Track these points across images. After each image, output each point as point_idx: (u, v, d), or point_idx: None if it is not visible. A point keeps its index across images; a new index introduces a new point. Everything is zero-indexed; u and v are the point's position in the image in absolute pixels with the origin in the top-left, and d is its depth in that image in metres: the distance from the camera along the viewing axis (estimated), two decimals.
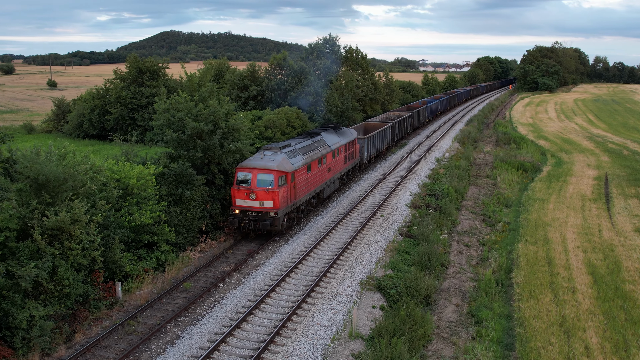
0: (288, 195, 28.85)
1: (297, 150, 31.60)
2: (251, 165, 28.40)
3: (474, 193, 43.90)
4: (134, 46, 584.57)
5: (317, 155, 33.39)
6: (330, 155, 35.81)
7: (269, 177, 27.83)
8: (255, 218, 28.09)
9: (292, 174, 29.11)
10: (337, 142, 38.13)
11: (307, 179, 31.58)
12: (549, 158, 58.42)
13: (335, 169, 37.35)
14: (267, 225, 27.73)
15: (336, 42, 67.48)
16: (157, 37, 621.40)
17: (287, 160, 29.29)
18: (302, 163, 30.78)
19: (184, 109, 28.09)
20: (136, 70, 64.42)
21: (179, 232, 27.11)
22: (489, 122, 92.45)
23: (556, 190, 43.47)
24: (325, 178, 35.28)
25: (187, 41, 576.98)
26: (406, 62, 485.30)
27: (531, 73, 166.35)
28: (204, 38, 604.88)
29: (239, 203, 28.27)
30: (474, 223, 36.10)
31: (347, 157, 40.21)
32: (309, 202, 33.37)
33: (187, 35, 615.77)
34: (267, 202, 27.77)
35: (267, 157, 28.90)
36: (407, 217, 34.14)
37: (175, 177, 27.18)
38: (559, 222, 35.01)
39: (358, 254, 26.78)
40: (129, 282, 23.15)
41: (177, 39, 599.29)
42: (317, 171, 33.40)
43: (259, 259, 26.72)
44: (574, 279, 25.87)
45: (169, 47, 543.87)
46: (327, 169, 35.32)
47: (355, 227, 30.93)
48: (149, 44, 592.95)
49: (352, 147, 41.58)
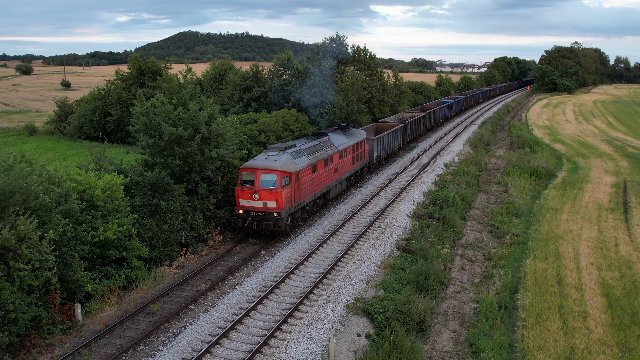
0: (292, 196, 28.73)
1: (302, 150, 31.36)
2: (255, 166, 28.30)
3: (483, 201, 41.36)
4: (152, 47, 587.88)
5: (323, 156, 33.18)
6: (337, 155, 35.57)
7: (273, 178, 27.75)
8: (258, 218, 27.98)
9: (296, 175, 29.00)
10: (344, 142, 37.77)
11: (312, 180, 31.41)
12: (565, 163, 55.53)
13: (343, 169, 37.13)
14: (270, 225, 27.59)
15: (343, 41, 65.18)
16: (174, 38, 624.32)
17: (292, 160, 29.17)
18: (307, 164, 30.63)
19: (162, 113, 26.02)
20: (137, 70, 62.81)
21: (154, 246, 25.04)
22: (504, 124, 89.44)
23: (571, 198, 40.75)
24: (332, 179, 35.10)
25: (204, 42, 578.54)
26: (423, 62, 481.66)
27: (549, 74, 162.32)
28: (222, 38, 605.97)
29: (243, 203, 28.21)
30: (480, 234, 33.61)
31: (355, 157, 39.95)
32: (314, 203, 33.13)
33: (204, 35, 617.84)
34: (270, 203, 27.73)
35: (271, 158, 28.77)
36: (407, 229, 31.74)
37: (151, 187, 25.11)
38: (572, 234, 32.39)
39: (348, 272, 24.47)
40: (91, 303, 21.11)
41: (195, 39, 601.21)
42: (323, 172, 33.25)
43: (239, 276, 24.53)
44: (586, 302, 23.34)
45: (186, 47, 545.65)
46: (333, 169, 35.11)
47: (349, 240, 28.63)
48: (167, 44, 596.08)
49: (360, 147, 41.21)
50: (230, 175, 30.37)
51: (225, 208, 29.80)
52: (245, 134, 34.90)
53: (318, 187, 32.70)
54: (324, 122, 52.80)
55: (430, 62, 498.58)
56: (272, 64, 59.82)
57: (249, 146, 34.17)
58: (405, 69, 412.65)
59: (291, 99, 55.81)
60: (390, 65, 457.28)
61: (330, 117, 52.70)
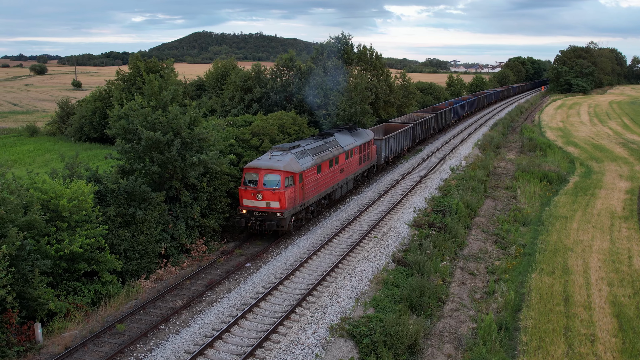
0: (295, 196, 28.64)
1: (307, 150, 31.30)
2: (258, 166, 28.26)
3: (490, 207, 39.38)
4: (167, 47, 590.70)
5: (329, 156, 33.13)
6: (342, 156, 35.50)
7: (276, 178, 27.70)
8: (262, 218, 27.91)
9: (299, 175, 28.94)
10: (350, 143, 37.66)
11: (316, 180, 31.32)
12: (577, 167, 53.23)
13: (349, 170, 37.08)
14: (274, 225, 27.55)
15: (349, 41, 63.36)
16: (189, 38, 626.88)
17: (296, 160, 29.10)
18: (312, 164, 30.57)
19: (140, 116, 24.41)
20: (138, 71, 61.44)
21: (130, 258, 23.45)
22: (516, 125, 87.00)
23: (582, 205, 38.62)
24: (338, 179, 35.04)
25: (218, 42, 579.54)
26: (437, 62, 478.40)
27: (564, 74, 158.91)
28: (235, 39, 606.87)
29: (246, 203, 28.21)
30: (484, 245, 31.68)
31: (362, 158, 39.88)
32: (319, 203, 32.97)
33: (218, 36, 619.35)
34: (273, 203, 27.64)
35: (275, 158, 28.75)
36: (405, 239, 29.88)
37: (127, 195, 23.52)
38: (582, 245, 30.35)
39: (336, 288, 22.68)
40: (54, 321, 19.55)
41: (209, 39, 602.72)
42: (328, 172, 33.16)
43: (218, 291, 22.84)
44: (595, 323, 21.37)
45: (200, 47, 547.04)
46: (339, 170, 35.06)
47: (341, 252, 26.86)
48: (181, 44, 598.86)
49: (367, 148, 41.12)
50: (218, 181, 28.73)
51: (211, 216, 28.15)
52: (237, 137, 33.22)
53: (323, 188, 32.54)
54: (326, 124, 51.08)
55: (444, 62, 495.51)
56: (274, 64, 58.20)
57: (240, 150, 32.48)
58: (419, 69, 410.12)
59: (293, 100, 54.20)
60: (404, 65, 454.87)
61: (332, 118, 50.96)
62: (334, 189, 34.77)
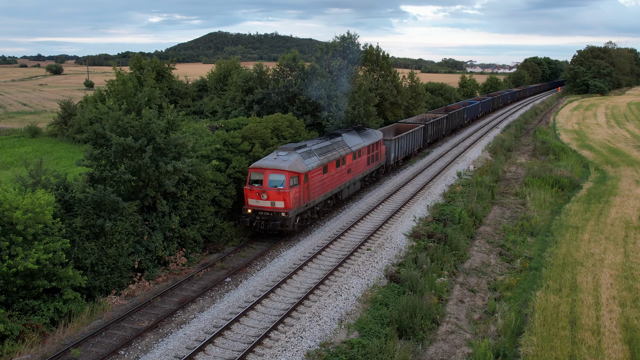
0: (300, 196, 28.66)
1: (313, 151, 31.37)
2: (263, 166, 28.33)
3: (497, 215, 37.25)
4: (182, 47, 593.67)
5: (335, 157, 33.23)
6: (350, 156, 35.57)
7: (281, 178, 27.74)
8: (266, 218, 27.97)
9: (305, 175, 29.01)
10: (358, 143, 37.79)
11: (322, 180, 31.39)
12: (592, 172, 50.79)
13: (357, 170, 37.15)
14: (278, 225, 27.58)
15: (354, 40, 61.29)
16: (204, 38, 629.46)
17: (301, 161, 29.20)
18: (318, 164, 30.66)
19: (110, 120, 22.70)
20: (139, 71, 60.05)
21: (98, 273, 21.77)
22: (530, 127, 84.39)
23: (595, 214, 36.32)
24: (345, 179, 35.07)
25: (234, 42, 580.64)
26: (453, 63, 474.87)
27: (581, 74, 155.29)
28: (251, 39, 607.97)
29: (251, 203, 28.27)
30: (488, 257, 29.60)
31: (370, 158, 39.99)
32: (325, 203, 33.00)
33: (234, 36, 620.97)
34: (278, 203, 27.72)
35: (280, 158, 28.81)
36: (401, 251, 27.90)
37: (95, 205, 21.83)
38: (593, 259, 28.16)
39: (318, 308, 20.78)
40: (5, 344, 17.87)
41: (225, 39, 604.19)
42: (335, 172, 33.22)
43: (190, 310, 21.04)
44: (604, 351, 19.25)
45: (216, 47, 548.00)
46: (346, 170, 35.11)
47: (330, 266, 24.97)
48: (197, 44, 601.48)
49: (376, 148, 41.19)
50: (201, 188, 26.95)
51: (192, 226, 26.39)
52: (226, 141, 31.46)
53: (329, 188, 32.57)
54: (330, 126, 49.19)
55: (460, 62, 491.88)
56: (276, 64, 56.40)
57: (229, 155, 30.68)
58: (435, 69, 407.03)
59: (296, 101, 52.42)
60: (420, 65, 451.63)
61: (335, 121, 49.05)
62: (341, 189, 34.75)
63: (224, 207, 28.88)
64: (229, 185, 29.12)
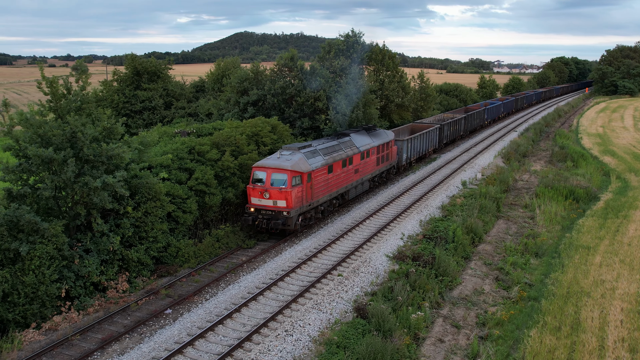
0: (303, 196, 28.81)
1: (318, 150, 31.44)
2: (266, 165, 28.54)
3: (501, 231, 33.52)
4: (209, 47, 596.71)
5: (342, 156, 33.32)
6: (357, 156, 35.67)
7: (283, 177, 27.92)
8: (268, 217, 28.17)
9: (308, 175, 29.08)
10: (367, 143, 37.93)
11: (327, 180, 31.46)
12: (613, 181, 46.47)
13: (365, 170, 37.26)
14: (279, 224, 27.68)
15: (359, 39, 57.72)
16: (230, 39, 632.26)
17: (305, 160, 29.27)
18: (322, 164, 30.72)
19: (30, 128, 19.73)
20: (133, 71, 57.57)
21: (13, 304, 18.79)
22: (552, 130, 79.72)
23: (611, 231, 32.31)
24: (352, 179, 35.14)
25: (259, 42, 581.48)
26: (480, 63, 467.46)
27: (610, 75, 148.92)
28: (277, 39, 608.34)
29: (254, 201, 28.53)
30: (482, 283, 25.97)
31: (380, 159, 40.05)
32: (330, 203, 33.06)
33: (259, 36, 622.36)
34: (280, 202, 27.91)
35: (284, 157, 29.00)
36: (379, 277, 24.39)
37: (11, 226, 18.86)
38: (603, 288, 24.30)
39: (259, 353, 17.34)
40: None
41: (250, 39, 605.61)
42: (341, 172, 33.33)
43: (110, 353, 17.81)
44: None
45: (242, 47, 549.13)
46: (353, 170, 35.17)
47: (290, 295, 21.59)
48: (223, 44, 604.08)
49: (386, 149, 41.29)
50: (152, 203, 23.81)
51: (139, 247, 23.25)
52: (192, 149, 28.33)
53: (334, 188, 32.65)
54: (327, 130, 45.86)
55: (487, 62, 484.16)
56: (274, 64, 53.24)
57: (193, 165, 27.52)
58: (461, 69, 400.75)
59: (293, 103, 49.23)
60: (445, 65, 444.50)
61: (333, 124, 45.67)
62: (348, 189, 34.84)
63: (182, 223, 25.72)
64: (188, 199, 25.95)
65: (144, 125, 55.31)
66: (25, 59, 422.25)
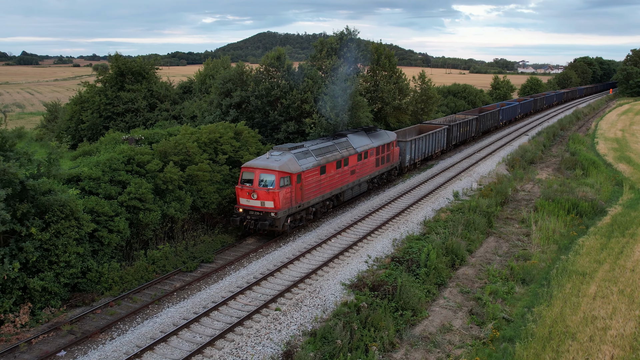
0: (292, 197, 28.56)
1: (310, 151, 31.19)
2: (255, 165, 28.32)
3: (489, 250, 29.84)
4: (232, 47, 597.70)
5: (336, 157, 33.04)
6: (354, 157, 35.36)
7: (271, 178, 27.69)
8: (256, 217, 27.94)
9: (297, 175, 28.85)
10: (366, 144, 37.58)
11: (319, 181, 31.17)
12: (625, 191, 42.18)
13: (362, 171, 36.89)
14: (267, 225, 27.48)
15: (354, 37, 54.16)
16: (253, 39, 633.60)
17: (295, 161, 29.06)
18: (314, 164, 30.46)
19: None
20: (117, 71, 54.97)
21: None
22: (567, 134, 75.10)
23: (614, 253, 28.34)
24: (347, 180, 34.77)
25: (282, 42, 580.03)
26: (504, 63, 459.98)
27: (635, 75, 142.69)
28: (299, 39, 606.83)
29: (243, 202, 28.35)
30: (453, 316, 22.36)
31: (379, 160, 39.64)
32: (323, 204, 32.69)
33: (282, 36, 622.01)
34: (267, 202, 27.71)
35: (273, 158, 28.74)
36: (326, 311, 20.90)
37: None
38: (593, 327, 20.49)
39: None
40: None
41: (273, 39, 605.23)
42: (335, 173, 32.97)
43: None
44: None
45: (264, 47, 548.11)
46: (349, 171, 34.83)
47: (208, 336, 18.23)
48: (246, 44, 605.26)
49: (387, 150, 40.85)
50: (65, 223, 20.67)
51: (46, 273, 20.13)
52: (132, 158, 25.19)
53: (328, 189, 32.31)
54: (313, 134, 42.50)
55: (512, 62, 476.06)
56: (259, 64, 49.99)
57: (126, 177, 24.32)
58: (484, 69, 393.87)
59: (278, 105, 46.02)
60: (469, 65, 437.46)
61: (317, 129, 42.29)
62: (343, 191, 34.42)
63: (107, 244, 22.56)
64: (117, 217, 22.78)
65: (126, 129, 52.67)
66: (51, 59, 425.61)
